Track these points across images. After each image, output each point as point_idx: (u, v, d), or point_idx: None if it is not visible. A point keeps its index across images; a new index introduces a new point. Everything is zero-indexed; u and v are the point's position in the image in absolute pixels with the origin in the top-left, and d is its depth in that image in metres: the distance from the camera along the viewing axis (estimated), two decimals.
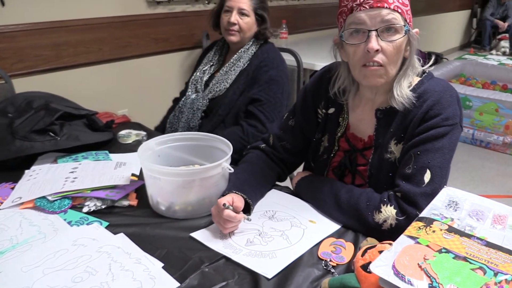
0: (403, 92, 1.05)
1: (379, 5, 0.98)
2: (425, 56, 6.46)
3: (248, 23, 1.79)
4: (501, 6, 7.71)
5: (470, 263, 0.73)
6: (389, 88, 1.08)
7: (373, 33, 0.99)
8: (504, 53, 7.62)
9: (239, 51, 1.82)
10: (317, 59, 2.82)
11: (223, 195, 1.10)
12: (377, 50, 0.99)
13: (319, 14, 3.90)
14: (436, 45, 6.87)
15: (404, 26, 1.00)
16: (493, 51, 7.79)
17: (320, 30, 3.97)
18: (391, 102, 1.07)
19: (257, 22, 1.82)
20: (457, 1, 7.53)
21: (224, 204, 1.01)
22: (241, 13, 1.77)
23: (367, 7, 0.99)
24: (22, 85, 1.98)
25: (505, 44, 7.66)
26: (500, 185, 3.12)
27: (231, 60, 1.82)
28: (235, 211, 1.01)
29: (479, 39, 8.33)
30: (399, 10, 1.00)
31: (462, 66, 5.17)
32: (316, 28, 3.94)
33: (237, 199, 1.06)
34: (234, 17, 1.77)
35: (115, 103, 2.52)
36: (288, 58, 2.12)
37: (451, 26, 7.70)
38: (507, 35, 7.65)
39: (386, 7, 0.98)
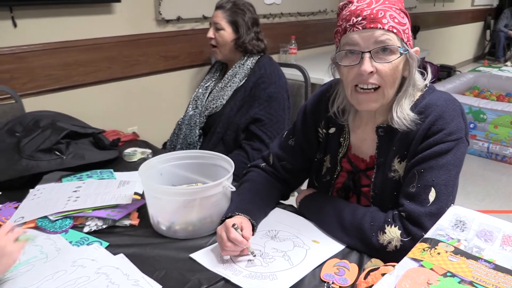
0: (404, 112, 1.00)
1: (372, 26, 0.95)
2: (438, 69, 6.32)
3: (223, 36, 1.78)
4: None
5: None
6: (389, 107, 1.04)
7: (367, 55, 0.96)
8: None
9: (234, 66, 1.82)
10: (326, 74, 2.80)
11: (226, 215, 1.08)
12: (371, 72, 0.96)
13: (329, 29, 3.90)
14: (449, 58, 6.81)
15: (400, 47, 0.97)
16: (508, 63, 7.67)
17: (330, 45, 3.96)
18: (392, 123, 1.02)
19: (234, 33, 1.79)
20: (469, 13, 7.47)
21: (233, 225, 0.99)
22: (216, 28, 1.79)
23: (360, 28, 0.96)
24: (33, 104, 2.01)
25: None
26: None
27: (226, 76, 1.82)
28: (246, 237, 0.98)
29: (493, 51, 8.23)
30: (394, 31, 0.96)
31: (475, 78, 5.09)
32: (326, 43, 3.93)
33: (247, 225, 1.03)
34: (210, 32, 1.80)
35: (125, 121, 2.54)
36: (296, 74, 2.12)
37: (464, 38, 7.63)
38: None
39: (380, 28, 0.94)
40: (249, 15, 1.81)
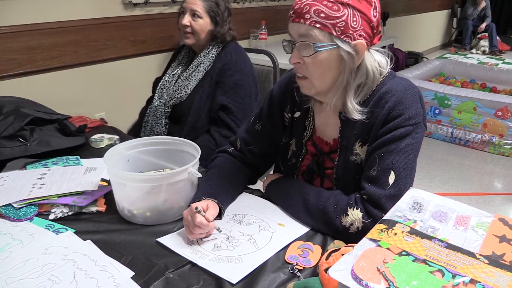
0: (351, 106, 1.04)
1: (297, 20, 0.98)
2: (405, 56, 6.41)
3: (201, 24, 1.75)
4: (477, 6, 7.80)
5: (429, 265, 0.73)
6: (343, 94, 1.07)
7: (295, 47, 1.01)
8: (484, 52, 7.75)
9: (199, 55, 1.80)
10: None
11: (193, 200, 1.09)
12: (298, 63, 1.01)
13: None
14: (417, 45, 6.94)
15: (316, 43, 0.96)
16: (473, 50, 7.91)
17: None
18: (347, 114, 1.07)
19: (212, 24, 1.77)
20: (436, 1, 7.61)
21: (196, 208, 0.99)
22: (194, 14, 1.74)
23: (291, 20, 1.00)
24: None
25: (484, 43, 7.79)
26: (478, 183, 3.16)
27: (192, 65, 1.80)
28: (208, 219, 1.00)
29: (459, 38, 8.44)
30: (318, 25, 0.96)
31: (441, 65, 5.23)
32: None
33: (212, 206, 1.05)
34: (187, 19, 1.74)
35: (92, 107, 2.49)
36: (265, 59, 2.13)
37: (431, 25, 7.78)
38: (486, 34, 7.77)
39: (302, 23, 0.97)
40: (226, 5, 1.79)
